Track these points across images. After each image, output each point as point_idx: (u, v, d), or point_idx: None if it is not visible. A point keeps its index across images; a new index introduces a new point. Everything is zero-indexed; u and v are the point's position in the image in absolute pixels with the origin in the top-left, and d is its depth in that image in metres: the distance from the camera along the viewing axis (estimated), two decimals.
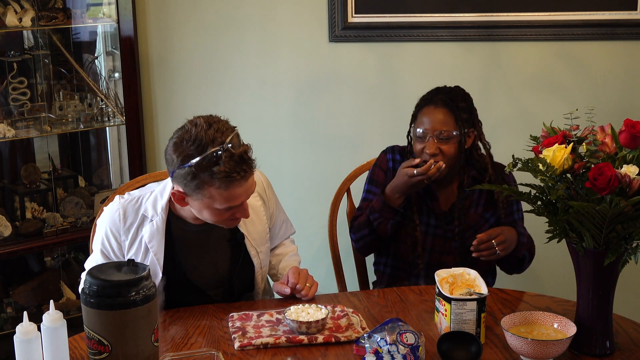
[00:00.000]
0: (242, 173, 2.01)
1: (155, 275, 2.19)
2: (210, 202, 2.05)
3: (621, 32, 3.20)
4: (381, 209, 2.53)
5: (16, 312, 3.32)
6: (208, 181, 2.00)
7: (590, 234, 1.89)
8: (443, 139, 2.47)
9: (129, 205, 2.22)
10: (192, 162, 1.99)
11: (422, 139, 2.50)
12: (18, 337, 1.78)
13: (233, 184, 2.01)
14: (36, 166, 3.40)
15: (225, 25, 3.33)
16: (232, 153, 1.99)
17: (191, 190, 2.04)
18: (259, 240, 2.34)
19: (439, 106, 2.50)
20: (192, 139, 2.01)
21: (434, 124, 2.48)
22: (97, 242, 2.26)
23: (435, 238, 2.60)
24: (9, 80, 3.23)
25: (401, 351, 1.84)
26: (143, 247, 2.21)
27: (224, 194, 2.02)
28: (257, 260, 2.33)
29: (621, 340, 2.05)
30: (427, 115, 2.50)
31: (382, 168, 2.66)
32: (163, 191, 2.23)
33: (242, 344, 2.00)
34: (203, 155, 1.98)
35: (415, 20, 3.24)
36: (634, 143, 1.88)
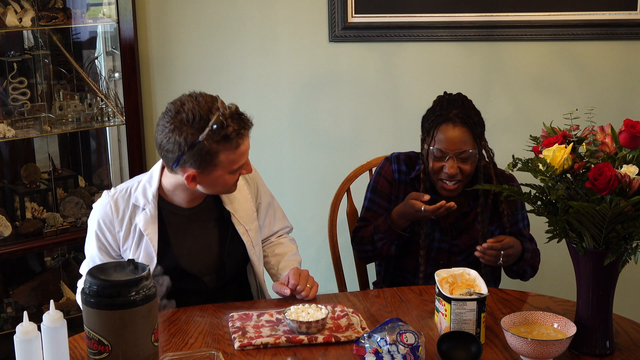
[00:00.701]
0: (246, 127, 2.12)
1: (150, 262, 2.24)
2: (224, 169, 2.13)
3: (621, 32, 3.20)
4: (386, 231, 2.50)
5: (16, 312, 3.32)
6: (220, 149, 2.08)
7: (590, 234, 1.89)
8: (463, 159, 2.43)
9: (118, 197, 2.25)
10: (202, 136, 2.06)
11: (440, 159, 2.45)
12: (18, 337, 1.78)
13: (238, 141, 2.10)
14: (36, 166, 3.40)
15: (225, 25, 3.33)
16: (231, 112, 2.09)
17: (204, 165, 2.11)
18: (246, 218, 2.36)
19: (457, 124, 2.43)
20: (191, 118, 2.07)
21: (455, 143, 2.42)
22: (91, 239, 2.28)
23: (440, 252, 2.57)
24: (9, 80, 3.23)
25: (401, 351, 1.84)
26: (137, 235, 2.24)
27: (235, 154, 2.11)
28: (247, 238, 2.34)
29: (621, 340, 2.05)
30: (446, 133, 2.43)
31: (387, 179, 2.61)
32: (151, 179, 2.26)
33: (242, 344, 2.00)
34: (210, 125, 2.06)
35: (415, 20, 3.24)
36: (634, 143, 1.88)
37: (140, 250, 2.24)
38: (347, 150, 3.39)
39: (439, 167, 2.46)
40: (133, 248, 2.24)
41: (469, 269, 2.15)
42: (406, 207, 2.45)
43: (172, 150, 2.10)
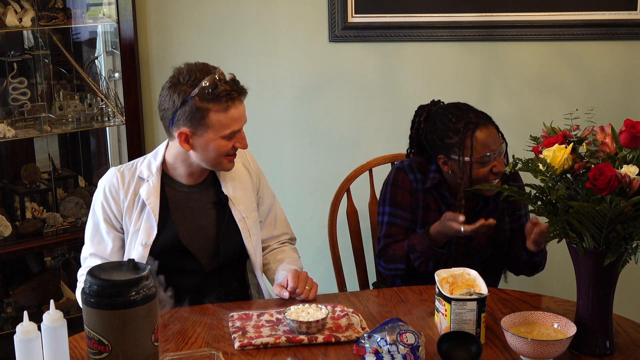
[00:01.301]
0: (238, 91, 2.22)
1: (150, 233, 2.30)
2: (215, 132, 2.21)
3: (621, 32, 3.20)
4: (424, 250, 2.45)
5: (16, 312, 3.32)
6: (210, 107, 2.19)
7: (590, 234, 1.89)
8: (501, 154, 2.46)
9: (124, 170, 2.36)
10: (193, 93, 2.19)
11: (487, 163, 2.43)
12: (18, 337, 1.78)
13: (233, 103, 2.20)
14: (36, 166, 3.40)
15: (225, 25, 3.33)
16: (220, 78, 2.20)
17: (195, 124, 2.21)
18: (245, 205, 2.41)
19: (487, 125, 2.45)
20: (187, 77, 2.22)
21: (496, 141, 2.43)
22: (97, 210, 2.34)
23: (456, 255, 2.54)
24: (9, 80, 3.23)
25: (401, 351, 1.84)
26: (140, 205, 2.32)
27: (226, 117, 2.20)
28: (243, 225, 2.38)
29: (621, 340, 2.05)
30: (485, 137, 2.42)
31: (406, 190, 2.55)
32: (156, 154, 2.38)
33: (242, 344, 2.00)
34: (201, 84, 2.19)
35: (415, 20, 3.24)
36: (634, 143, 1.88)
37: (142, 221, 2.31)
38: (347, 150, 3.39)
39: (487, 171, 2.44)
40: (135, 218, 2.31)
41: (469, 269, 2.15)
42: (444, 227, 2.40)
43: (168, 109, 2.24)
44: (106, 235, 2.33)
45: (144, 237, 2.30)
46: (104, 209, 2.33)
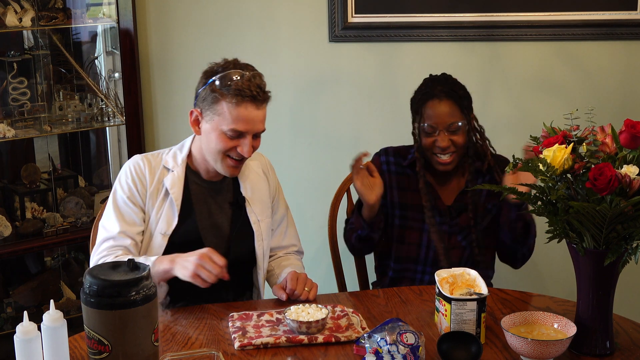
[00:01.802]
0: (254, 93, 2.23)
1: (170, 223, 2.32)
2: (219, 122, 2.24)
3: (621, 32, 3.20)
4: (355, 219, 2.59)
5: (16, 312, 3.32)
6: (224, 95, 2.22)
7: (590, 234, 1.89)
8: (452, 131, 2.50)
9: (150, 157, 2.39)
10: (215, 77, 2.25)
11: (431, 134, 2.53)
12: (18, 337, 1.78)
13: (244, 102, 2.22)
14: (36, 166, 3.40)
15: (225, 25, 3.33)
16: (250, 77, 2.24)
17: (207, 106, 2.26)
18: (260, 208, 2.43)
19: (442, 98, 2.52)
20: (221, 65, 2.30)
21: (442, 116, 2.51)
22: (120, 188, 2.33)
23: (441, 234, 2.59)
24: (9, 80, 3.23)
25: (401, 351, 1.84)
26: (163, 194, 2.33)
27: (233, 111, 2.22)
28: (257, 228, 2.41)
29: (621, 340, 2.05)
30: (433, 108, 2.52)
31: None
32: (182, 147, 2.41)
33: (242, 344, 2.00)
34: (225, 72, 2.25)
35: (415, 20, 3.24)
36: (634, 143, 1.88)
37: (164, 210, 2.32)
38: (347, 150, 3.39)
39: (431, 142, 2.53)
40: (157, 206, 2.32)
41: (469, 269, 2.16)
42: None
43: (197, 89, 2.32)
44: (134, 214, 2.32)
45: (163, 227, 2.31)
46: (130, 188, 2.32)
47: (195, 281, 2.12)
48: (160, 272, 2.18)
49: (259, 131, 2.29)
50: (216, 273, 2.12)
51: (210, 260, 2.13)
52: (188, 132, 3.44)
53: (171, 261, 2.18)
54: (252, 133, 2.27)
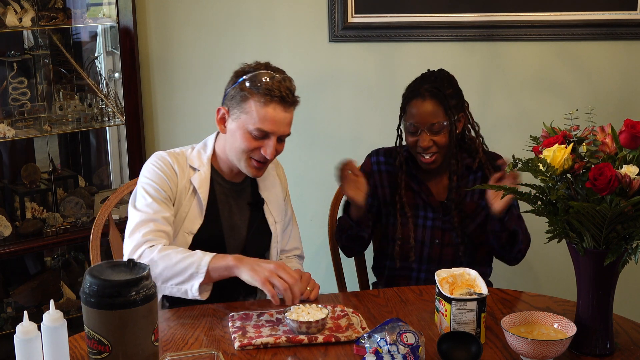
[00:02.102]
0: (283, 94, 2.23)
1: (195, 222, 2.32)
2: (246, 121, 2.24)
3: (621, 32, 3.20)
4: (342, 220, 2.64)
5: (16, 312, 3.32)
6: (253, 95, 2.23)
7: (590, 234, 1.89)
8: (435, 131, 2.50)
9: (175, 155, 2.37)
10: (246, 76, 2.26)
11: (414, 133, 2.53)
12: (18, 337, 1.78)
13: (272, 102, 2.23)
14: (36, 166, 3.40)
15: (225, 25, 3.33)
16: (281, 80, 2.26)
17: (234, 104, 2.27)
18: (277, 210, 2.46)
19: (426, 98, 2.51)
20: (252, 66, 2.31)
21: (425, 116, 2.50)
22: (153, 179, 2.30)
23: (434, 230, 2.61)
24: (9, 80, 3.23)
25: (401, 351, 1.84)
26: (191, 191, 2.33)
27: (260, 110, 2.23)
28: (274, 229, 2.43)
29: (621, 340, 2.05)
30: (416, 107, 2.52)
31: (365, 171, 2.65)
32: (205, 146, 2.41)
33: (242, 344, 2.00)
34: (256, 72, 2.26)
35: (415, 20, 3.24)
36: (634, 143, 1.88)
37: (190, 209, 2.32)
38: (347, 150, 3.39)
39: (414, 141, 2.54)
40: (185, 204, 2.32)
41: (469, 269, 2.16)
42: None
43: (226, 88, 2.33)
44: (168, 205, 2.29)
45: (189, 225, 2.32)
46: (164, 180, 2.29)
47: (264, 287, 2.11)
48: (221, 268, 2.15)
49: (284, 134, 2.29)
50: (291, 283, 2.11)
51: (285, 271, 2.13)
52: (188, 132, 3.45)
53: (237, 260, 2.16)
54: (277, 135, 2.27)
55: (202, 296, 2.18)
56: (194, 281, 2.15)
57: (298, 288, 2.14)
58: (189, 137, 3.41)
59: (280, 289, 2.11)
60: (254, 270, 2.13)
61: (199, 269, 2.14)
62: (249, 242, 2.40)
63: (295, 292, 2.13)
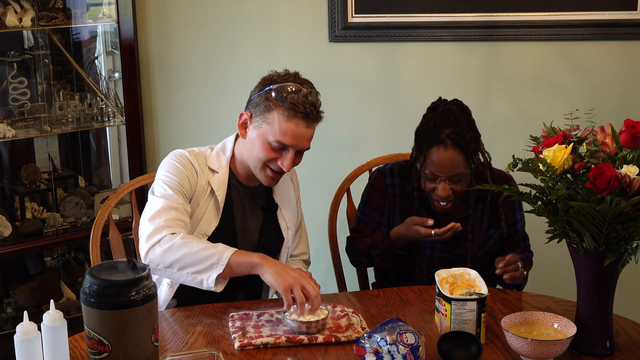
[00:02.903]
0: (307, 110, 2.21)
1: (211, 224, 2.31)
2: (267, 131, 2.23)
3: (621, 32, 3.20)
4: (384, 249, 2.51)
5: (16, 312, 3.32)
6: (278, 106, 2.21)
7: (590, 234, 1.89)
8: (455, 181, 2.40)
9: (196, 155, 2.35)
10: (271, 87, 2.24)
11: (433, 180, 2.42)
12: (18, 337, 1.78)
13: (296, 117, 2.21)
14: (36, 166, 3.40)
15: (225, 25, 3.33)
16: (307, 94, 2.23)
17: (258, 112, 2.25)
18: (290, 215, 2.46)
19: (448, 147, 2.37)
20: (282, 76, 2.29)
21: (447, 167, 2.37)
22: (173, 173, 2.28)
23: (442, 262, 2.53)
24: (9, 80, 3.23)
25: (401, 351, 1.84)
26: (209, 192, 2.32)
27: (283, 124, 2.21)
28: (286, 235, 2.43)
29: (621, 340, 2.05)
30: (438, 156, 2.38)
31: (380, 192, 2.58)
32: (224, 148, 2.40)
33: (242, 344, 2.00)
34: (283, 83, 2.24)
35: (415, 20, 3.24)
36: (634, 143, 1.88)
37: (206, 210, 2.31)
38: (347, 150, 3.39)
39: (432, 188, 2.43)
40: (202, 204, 2.31)
41: (469, 269, 2.15)
42: (409, 231, 2.42)
43: (251, 94, 2.30)
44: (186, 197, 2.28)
45: (204, 227, 2.31)
46: (185, 175, 2.28)
47: (285, 295, 2.06)
48: (244, 264, 2.11)
49: (303, 148, 2.27)
50: (313, 296, 2.06)
51: (309, 283, 2.08)
52: (188, 132, 3.45)
53: (263, 259, 2.12)
54: (296, 149, 2.25)
55: (217, 288, 2.13)
56: (212, 272, 2.10)
57: (317, 303, 2.07)
58: (189, 137, 3.41)
59: (297, 300, 2.05)
60: (279, 274, 2.08)
61: (220, 261, 2.10)
62: (261, 247, 2.38)
63: (314, 306, 2.07)
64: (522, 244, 2.59)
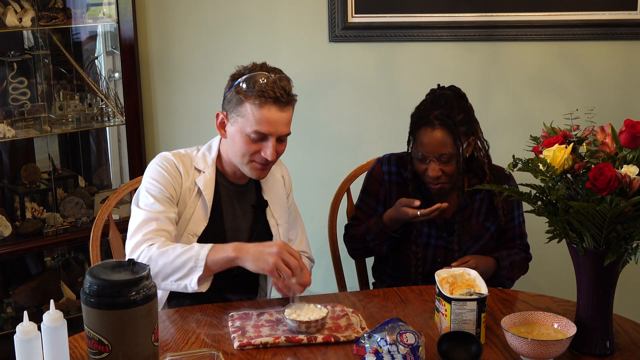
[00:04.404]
0: (277, 94, 2.21)
1: (200, 224, 2.32)
2: (243, 124, 2.24)
3: (621, 32, 3.20)
4: (378, 232, 2.55)
5: (16, 312, 3.32)
6: (248, 97, 2.22)
7: (590, 234, 1.89)
8: (444, 161, 2.45)
9: (180, 156, 2.37)
10: (240, 80, 2.25)
11: (423, 161, 2.48)
12: (18, 337, 1.78)
13: (267, 103, 2.21)
14: (36, 166, 3.40)
15: (225, 25, 3.33)
16: (275, 80, 2.23)
17: (232, 108, 2.26)
18: (280, 212, 2.45)
19: (435, 127, 2.44)
20: (248, 68, 2.30)
21: (434, 146, 2.45)
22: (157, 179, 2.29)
23: (437, 249, 2.58)
24: (9, 80, 3.23)
25: (401, 351, 1.84)
26: (196, 193, 2.33)
27: (256, 113, 2.22)
28: (276, 231, 2.42)
29: (621, 340, 2.05)
30: (426, 137, 2.46)
31: (377, 179, 2.64)
32: (210, 148, 2.40)
33: (241, 344, 2.00)
34: (251, 74, 2.25)
35: (415, 20, 3.24)
36: (634, 143, 1.88)
37: (194, 211, 2.32)
38: (347, 150, 3.39)
39: (423, 169, 2.50)
40: (190, 205, 2.31)
41: (469, 269, 2.16)
42: (398, 213, 2.48)
43: (224, 92, 2.31)
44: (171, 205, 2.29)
45: (193, 227, 2.31)
46: (168, 181, 2.29)
47: (273, 275, 2.09)
48: (222, 261, 2.13)
49: (282, 134, 2.27)
50: (294, 267, 2.08)
51: (289, 254, 2.09)
52: (188, 132, 3.45)
53: (237, 250, 2.13)
54: (275, 136, 2.25)
55: (202, 288, 2.14)
56: (193, 276, 2.12)
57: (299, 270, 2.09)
58: (189, 137, 3.41)
59: (285, 277, 2.08)
60: (258, 259, 2.09)
61: (198, 263, 2.12)
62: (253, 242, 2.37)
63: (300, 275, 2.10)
64: (519, 242, 2.60)
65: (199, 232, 2.31)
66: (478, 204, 2.57)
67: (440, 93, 2.54)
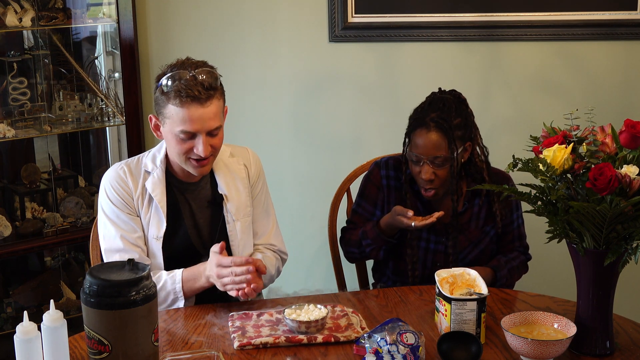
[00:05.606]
0: (194, 93, 2.16)
1: (159, 226, 2.31)
2: (171, 125, 2.21)
3: (621, 32, 3.20)
4: (374, 238, 2.53)
5: (16, 312, 3.32)
6: (169, 98, 2.19)
7: (590, 234, 1.90)
8: (437, 164, 2.43)
9: (130, 163, 2.36)
10: (161, 81, 2.21)
11: (417, 163, 2.47)
12: (18, 337, 1.78)
13: (186, 102, 2.17)
14: (36, 166, 3.40)
15: (225, 25, 3.33)
16: (194, 76, 2.18)
17: (159, 110, 2.24)
18: (238, 208, 2.39)
19: (431, 129, 2.42)
20: (170, 66, 2.24)
21: (428, 149, 2.43)
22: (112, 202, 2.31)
23: (437, 254, 2.56)
24: (9, 80, 3.23)
25: (401, 351, 1.85)
26: (147, 198, 2.32)
27: (179, 113, 2.18)
28: (232, 228, 2.37)
29: (621, 340, 2.05)
30: (420, 138, 2.44)
31: (374, 184, 2.62)
32: (160, 148, 2.38)
33: (241, 344, 2.00)
34: (172, 73, 2.20)
35: (415, 20, 3.24)
36: (634, 143, 1.88)
37: (151, 213, 2.32)
38: (347, 150, 3.39)
39: (417, 172, 2.48)
40: (145, 210, 2.32)
41: (469, 269, 2.16)
42: (394, 221, 2.46)
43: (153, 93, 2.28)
44: (131, 221, 2.30)
45: (154, 231, 2.31)
46: (119, 200, 2.30)
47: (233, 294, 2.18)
48: (200, 288, 2.26)
49: (211, 129, 2.21)
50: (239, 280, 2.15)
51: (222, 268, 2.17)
52: None
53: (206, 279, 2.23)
54: (204, 132, 2.20)
55: (188, 303, 2.28)
56: (178, 303, 2.27)
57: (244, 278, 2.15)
58: None
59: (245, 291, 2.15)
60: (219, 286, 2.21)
61: (177, 294, 2.25)
62: (215, 241, 2.32)
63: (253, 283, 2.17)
64: (518, 244, 2.60)
65: (161, 235, 2.31)
66: (477, 208, 2.56)
67: (439, 96, 2.52)
